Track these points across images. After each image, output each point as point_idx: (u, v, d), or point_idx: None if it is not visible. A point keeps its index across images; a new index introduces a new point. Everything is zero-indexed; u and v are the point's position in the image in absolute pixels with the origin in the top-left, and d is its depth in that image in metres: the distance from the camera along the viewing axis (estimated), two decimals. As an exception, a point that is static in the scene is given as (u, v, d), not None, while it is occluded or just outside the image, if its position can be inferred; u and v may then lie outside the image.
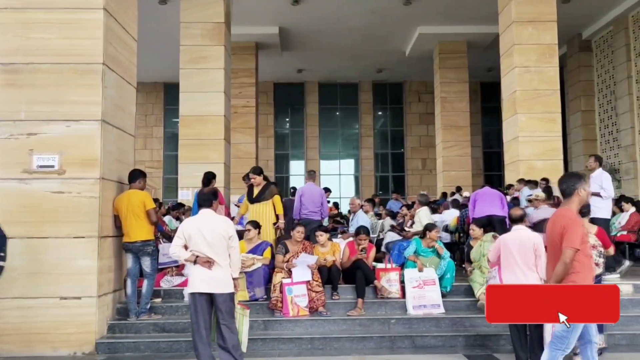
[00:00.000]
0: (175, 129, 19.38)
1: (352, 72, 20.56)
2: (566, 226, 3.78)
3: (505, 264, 5.13)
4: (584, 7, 14.62)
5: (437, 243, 7.09)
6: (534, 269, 5.00)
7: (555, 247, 3.86)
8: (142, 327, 6.12)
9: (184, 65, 10.58)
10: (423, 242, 7.10)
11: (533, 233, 5.23)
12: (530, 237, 5.11)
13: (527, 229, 5.32)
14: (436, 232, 7.17)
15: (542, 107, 10.56)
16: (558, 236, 3.81)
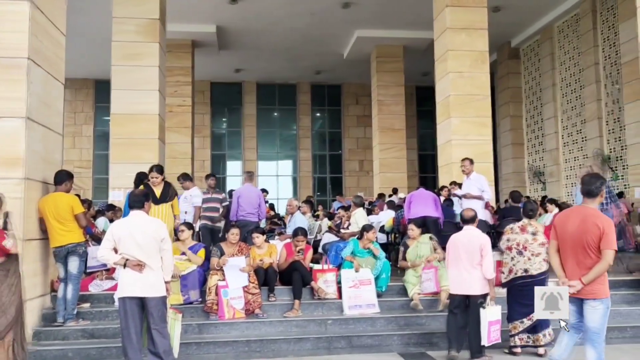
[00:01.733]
0: (107, 128, 18.71)
1: (291, 73, 20.57)
2: (605, 227, 3.85)
3: (453, 261, 5.37)
4: (513, 16, 15.26)
5: (373, 244, 7.18)
6: (478, 267, 5.26)
7: (585, 244, 3.90)
8: (69, 334, 5.85)
9: (116, 61, 10.22)
10: (360, 243, 7.18)
11: (482, 234, 5.46)
12: (479, 238, 5.35)
13: (477, 229, 5.51)
14: (373, 233, 7.28)
15: (474, 111, 10.91)
16: (592, 235, 3.86)
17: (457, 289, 5.37)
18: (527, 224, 5.51)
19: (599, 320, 3.91)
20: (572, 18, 15.44)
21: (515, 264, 5.35)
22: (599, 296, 3.91)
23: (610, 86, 14.12)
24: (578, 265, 3.95)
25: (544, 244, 5.37)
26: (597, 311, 3.91)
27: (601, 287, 3.92)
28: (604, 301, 3.92)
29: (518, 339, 5.24)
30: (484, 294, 5.26)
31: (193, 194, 8.93)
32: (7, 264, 4.64)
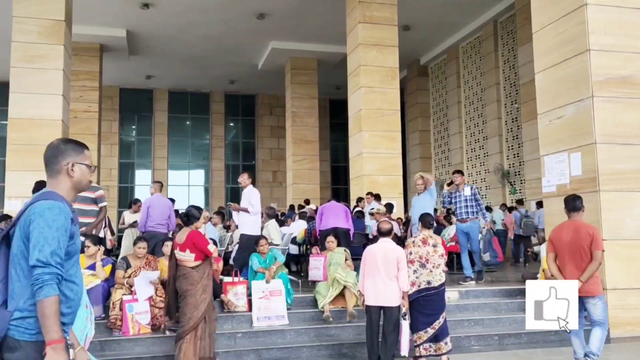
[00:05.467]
0: (3, 132, 17.54)
1: (204, 82, 20.30)
2: (594, 233, 4.83)
3: (369, 272, 5.43)
4: (422, 35, 15.96)
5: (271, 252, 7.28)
6: (394, 280, 5.36)
7: (581, 249, 4.80)
8: None
9: (15, 63, 9.62)
10: (260, 255, 7.21)
11: (397, 246, 5.58)
12: (395, 250, 5.45)
13: (392, 242, 5.63)
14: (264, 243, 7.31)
15: (384, 125, 11.28)
16: (585, 241, 4.80)
17: (373, 300, 5.42)
18: (427, 237, 5.70)
19: (602, 312, 4.87)
20: (476, 40, 16.38)
21: (418, 277, 5.49)
22: (597, 293, 4.82)
23: (509, 105, 15.07)
24: (576, 268, 4.79)
25: (443, 255, 5.60)
26: (597, 306, 4.84)
27: (597, 286, 4.84)
28: (601, 297, 4.87)
29: (423, 348, 5.42)
30: (399, 306, 5.40)
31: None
32: (204, 267, 5.28)
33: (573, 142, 7.02)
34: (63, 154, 2.37)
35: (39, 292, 2.11)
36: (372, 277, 5.43)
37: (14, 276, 2.21)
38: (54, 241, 2.16)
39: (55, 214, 2.20)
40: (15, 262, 2.22)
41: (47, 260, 2.13)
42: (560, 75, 7.22)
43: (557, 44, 7.25)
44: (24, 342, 2.15)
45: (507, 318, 6.96)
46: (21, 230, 2.22)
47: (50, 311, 2.10)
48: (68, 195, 2.36)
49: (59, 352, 2.09)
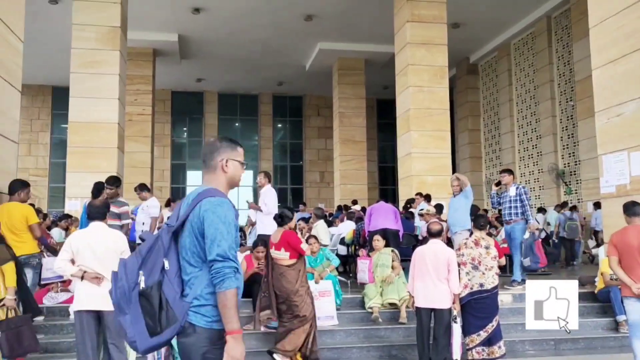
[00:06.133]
0: (64, 135, 18.28)
1: (253, 84, 20.55)
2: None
3: (419, 274, 5.39)
4: (472, 33, 15.68)
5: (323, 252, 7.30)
6: (444, 281, 5.30)
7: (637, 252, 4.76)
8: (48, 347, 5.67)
9: (75, 69, 10.01)
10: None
11: (448, 248, 5.52)
12: (445, 252, 5.40)
13: (442, 243, 5.58)
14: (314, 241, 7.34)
15: (433, 125, 11.13)
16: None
17: (423, 302, 5.38)
18: (480, 238, 5.60)
19: None
20: (528, 36, 15.97)
21: (470, 279, 5.41)
22: None
23: (564, 103, 14.63)
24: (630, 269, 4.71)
25: (495, 257, 5.49)
26: None
27: None
28: None
29: (475, 352, 5.33)
30: (449, 308, 5.33)
31: (150, 205, 8.78)
32: (299, 265, 5.38)
33: (633, 141, 6.73)
34: (218, 151, 2.54)
35: (221, 284, 2.26)
36: (421, 279, 5.39)
37: (189, 268, 2.37)
38: (229, 236, 2.32)
39: (225, 209, 2.36)
40: (188, 255, 2.37)
41: (225, 254, 2.29)
42: (620, 71, 6.93)
43: (617, 39, 6.97)
44: (200, 327, 2.31)
45: (563, 322, 6.74)
46: (192, 226, 2.37)
47: (232, 302, 2.26)
48: (224, 190, 2.52)
49: (238, 341, 2.24)
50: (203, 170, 2.55)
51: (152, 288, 2.31)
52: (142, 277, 2.32)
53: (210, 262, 2.30)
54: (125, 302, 2.31)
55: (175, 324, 2.29)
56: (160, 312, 2.29)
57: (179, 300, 2.32)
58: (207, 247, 2.31)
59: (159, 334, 2.28)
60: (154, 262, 2.36)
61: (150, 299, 2.30)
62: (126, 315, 2.30)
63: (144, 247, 2.41)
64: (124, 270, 2.36)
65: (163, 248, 2.38)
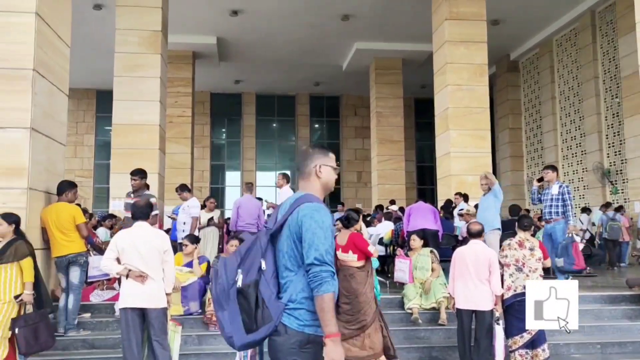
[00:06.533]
0: (108, 137, 18.76)
1: (290, 85, 20.67)
2: None
3: (459, 274, 5.34)
4: (512, 30, 15.39)
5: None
6: (486, 283, 5.23)
7: None
8: (70, 344, 5.86)
9: (118, 72, 10.28)
10: None
11: (488, 248, 5.44)
12: (486, 253, 5.32)
13: (483, 243, 5.51)
14: None
15: (473, 124, 10.97)
16: None
17: (464, 303, 5.32)
18: (524, 239, 5.50)
19: None
20: (571, 32, 15.58)
21: (514, 281, 5.31)
22: None
23: (609, 100, 14.22)
24: None
25: (540, 259, 5.38)
26: None
27: None
28: None
29: (518, 354, 5.23)
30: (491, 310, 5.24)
31: (191, 205, 8.95)
32: (367, 266, 5.37)
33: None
34: (311, 157, 2.61)
35: (319, 288, 2.31)
36: (462, 280, 5.32)
37: (285, 271, 2.44)
38: (326, 240, 2.37)
39: (322, 215, 2.42)
40: (285, 258, 2.44)
41: (323, 258, 2.34)
42: (669, 66, 6.71)
43: (665, 33, 6.74)
44: (291, 329, 2.37)
45: (609, 326, 6.58)
46: (291, 230, 2.44)
47: (329, 306, 2.30)
48: (319, 195, 2.59)
49: (337, 344, 2.28)
50: (299, 177, 2.63)
51: (249, 286, 2.38)
52: (240, 275, 2.40)
53: (308, 265, 2.35)
54: (224, 299, 2.40)
55: (270, 323, 2.35)
56: (256, 310, 2.36)
57: (274, 300, 2.38)
58: (305, 251, 2.37)
59: (254, 332, 2.36)
60: (251, 261, 2.43)
61: (247, 296, 2.37)
62: (224, 311, 2.39)
63: (244, 247, 2.50)
64: (224, 267, 2.45)
65: (261, 249, 2.45)
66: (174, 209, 10.16)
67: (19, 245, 4.89)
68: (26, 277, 4.84)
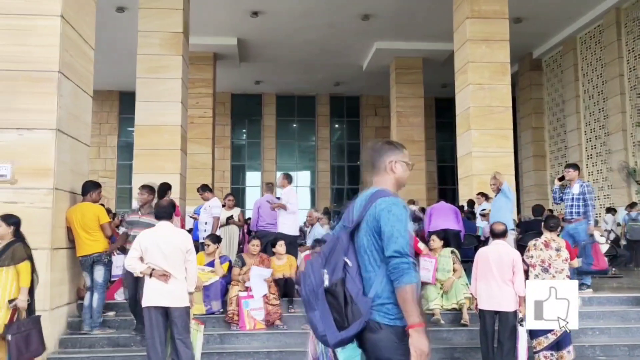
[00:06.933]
0: (130, 138, 19.01)
1: (310, 85, 20.69)
2: None
3: (482, 275, 5.29)
4: (535, 27, 15.20)
5: None
6: (509, 284, 5.18)
7: None
8: (95, 342, 5.94)
9: (140, 74, 10.40)
10: None
11: (512, 249, 5.39)
12: (510, 253, 5.27)
13: (506, 244, 5.45)
14: None
15: (495, 123, 10.86)
16: None
17: (486, 304, 5.27)
18: (550, 240, 5.43)
19: None
20: (596, 29, 15.34)
21: None
22: None
23: (635, 98, 13.96)
24: None
25: (567, 259, 5.31)
26: None
27: None
28: None
29: (543, 356, 5.16)
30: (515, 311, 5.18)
31: (212, 205, 9.02)
32: None
33: None
34: (387, 153, 2.65)
35: (400, 279, 2.35)
36: (485, 280, 5.27)
37: (367, 266, 2.48)
38: (405, 233, 2.42)
39: (400, 208, 2.46)
40: (367, 254, 2.49)
41: (403, 250, 2.38)
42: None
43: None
44: (385, 325, 2.40)
45: (637, 328, 6.46)
46: (369, 225, 2.48)
47: (411, 297, 2.34)
48: (393, 190, 2.62)
49: (421, 334, 2.32)
50: (371, 173, 2.67)
51: (336, 285, 2.42)
52: (326, 275, 2.44)
53: (388, 258, 2.39)
54: (314, 299, 2.44)
55: (360, 319, 2.38)
56: (346, 307, 2.39)
57: (362, 296, 2.42)
58: (385, 244, 2.41)
59: (346, 329, 2.39)
60: (335, 260, 2.47)
61: (335, 295, 2.41)
62: (315, 311, 2.43)
63: (326, 247, 2.54)
64: (311, 268, 2.50)
65: (343, 247, 2.49)
66: (195, 209, 10.24)
67: (17, 248, 4.70)
68: (22, 282, 4.61)
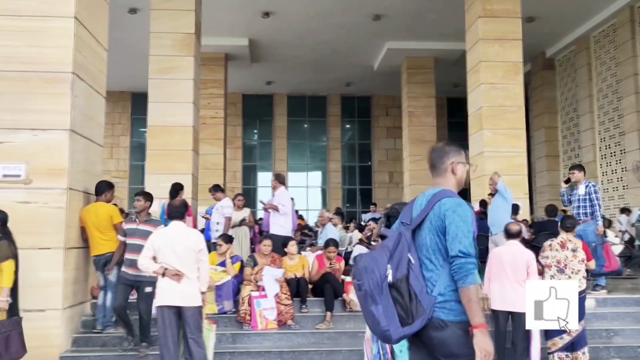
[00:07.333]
0: (142, 139, 19.13)
1: (321, 85, 20.68)
2: None
3: (496, 275, 5.26)
4: (548, 26, 15.09)
5: None
6: (523, 284, 5.12)
7: None
8: (108, 340, 5.99)
9: (153, 75, 10.46)
10: None
11: (526, 250, 5.35)
12: (524, 254, 5.25)
13: (521, 244, 5.42)
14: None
15: (507, 123, 10.79)
16: None
17: (500, 304, 5.25)
18: (566, 240, 5.38)
19: None
20: (609, 28, 15.19)
21: None
22: None
23: (649, 97, 13.81)
24: None
25: (583, 260, 5.26)
26: None
27: None
28: None
29: (557, 357, 5.12)
30: None
31: (224, 205, 9.07)
32: None
33: None
34: (448, 155, 2.68)
35: (464, 279, 2.38)
36: (499, 281, 5.24)
37: (430, 265, 2.51)
38: (469, 234, 2.45)
39: (464, 209, 2.50)
40: (430, 252, 2.53)
41: (467, 251, 2.42)
42: None
43: None
44: (450, 321, 2.43)
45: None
46: (433, 224, 2.52)
47: (476, 297, 2.38)
48: (455, 190, 2.65)
49: (485, 334, 2.35)
50: (434, 173, 2.69)
51: (400, 281, 2.44)
52: (390, 270, 2.45)
53: (452, 258, 2.41)
54: (378, 293, 2.44)
55: (423, 315, 2.41)
56: (410, 303, 2.42)
57: (425, 294, 2.45)
58: (449, 244, 2.43)
59: (409, 325, 2.41)
60: (400, 256, 2.49)
61: (400, 290, 2.43)
62: (378, 305, 2.43)
63: (390, 242, 2.54)
64: (374, 262, 2.49)
65: (407, 244, 2.52)
66: (207, 209, 10.29)
67: (2, 246, 4.58)
68: (4, 281, 4.47)
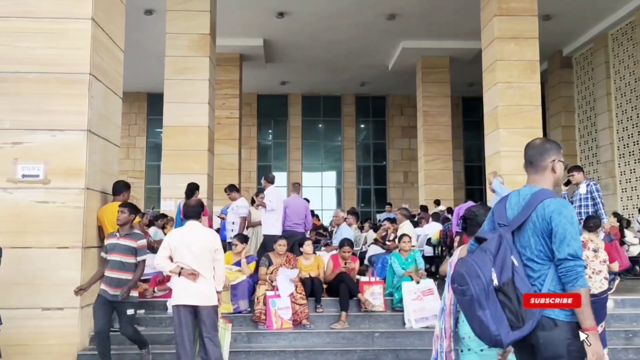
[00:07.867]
0: (158, 139, 19.27)
1: (336, 85, 20.68)
2: None
3: None
4: (565, 24, 14.94)
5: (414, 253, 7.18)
6: None
7: None
8: (125, 339, 6.02)
9: (168, 75, 10.54)
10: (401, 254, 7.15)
11: None
12: None
13: None
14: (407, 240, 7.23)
15: (524, 122, 10.70)
16: None
17: None
18: (588, 240, 5.32)
19: None
20: (627, 25, 14.99)
21: None
22: None
23: (667, 96, 13.62)
24: None
25: (605, 261, 5.20)
26: None
27: None
28: None
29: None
30: None
31: (239, 205, 9.11)
32: None
33: None
34: (548, 152, 2.68)
35: (574, 282, 2.37)
36: None
37: (535, 266, 2.50)
38: (577, 236, 2.43)
39: (570, 210, 2.47)
40: (534, 254, 2.50)
41: (577, 253, 2.39)
42: None
43: None
44: (560, 321, 2.41)
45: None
46: (537, 226, 2.49)
47: (587, 300, 2.35)
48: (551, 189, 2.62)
49: (597, 338, 2.34)
50: (531, 171, 2.69)
51: (507, 284, 2.42)
52: (494, 273, 2.43)
53: (560, 260, 2.39)
54: (485, 298, 2.41)
55: (533, 318, 2.39)
56: (519, 306, 2.39)
57: None
58: (556, 247, 2.41)
59: (520, 328, 2.39)
60: (503, 259, 2.46)
61: (507, 294, 2.41)
62: (485, 310, 2.39)
63: (491, 245, 2.50)
64: (477, 267, 2.45)
65: (509, 246, 2.49)
66: (222, 209, 10.34)
67: None
68: None
